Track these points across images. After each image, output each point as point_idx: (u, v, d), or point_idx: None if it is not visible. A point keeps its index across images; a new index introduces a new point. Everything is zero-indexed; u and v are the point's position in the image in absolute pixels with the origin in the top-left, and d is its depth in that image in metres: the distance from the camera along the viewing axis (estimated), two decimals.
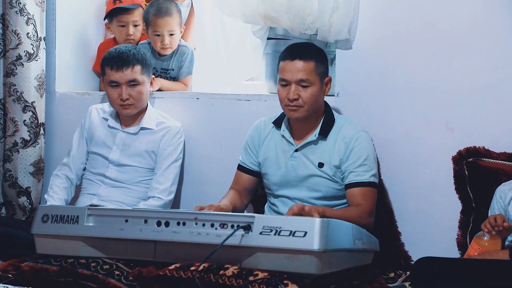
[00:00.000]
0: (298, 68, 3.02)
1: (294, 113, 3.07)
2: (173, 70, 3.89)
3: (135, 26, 3.94)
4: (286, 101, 3.06)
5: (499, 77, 3.17)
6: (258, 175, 3.29)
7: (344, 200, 3.13)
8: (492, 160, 3.11)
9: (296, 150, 3.15)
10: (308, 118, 3.10)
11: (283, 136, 3.18)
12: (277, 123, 3.21)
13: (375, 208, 3.07)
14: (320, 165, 3.11)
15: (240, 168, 3.31)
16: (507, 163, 3.08)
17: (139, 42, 3.93)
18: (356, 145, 3.07)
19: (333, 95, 3.42)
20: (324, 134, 3.11)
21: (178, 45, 3.86)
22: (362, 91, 3.40)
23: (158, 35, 3.79)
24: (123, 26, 3.93)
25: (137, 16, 3.93)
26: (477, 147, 3.16)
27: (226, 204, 3.10)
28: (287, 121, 3.19)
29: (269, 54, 3.74)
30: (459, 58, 3.23)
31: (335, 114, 3.18)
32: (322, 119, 3.14)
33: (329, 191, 3.12)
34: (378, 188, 3.11)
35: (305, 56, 3.03)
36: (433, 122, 3.27)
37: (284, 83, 3.06)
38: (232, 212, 3.05)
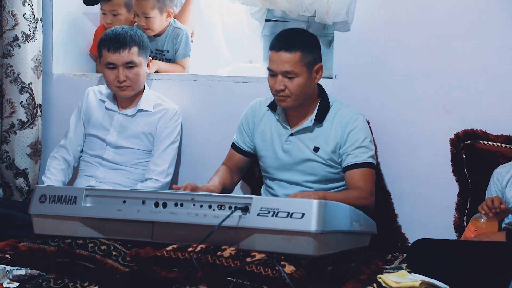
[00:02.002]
0: (283, 59, 2.99)
1: (282, 103, 3.06)
2: (168, 51, 3.87)
3: (114, 15, 3.91)
4: (274, 91, 3.05)
5: (497, 59, 3.17)
6: (249, 156, 3.29)
7: (341, 183, 3.13)
8: (489, 143, 3.11)
9: (291, 135, 3.15)
10: (301, 104, 3.09)
11: (278, 120, 3.18)
12: (272, 107, 3.20)
13: None
14: (316, 149, 3.10)
15: (234, 146, 3.32)
16: (505, 145, 3.08)
17: (135, 24, 3.91)
18: (353, 128, 3.06)
19: (331, 78, 3.42)
20: (319, 120, 3.10)
21: (173, 26, 3.84)
22: (360, 73, 3.39)
23: (138, 16, 3.80)
24: (104, 13, 3.94)
25: (115, 5, 3.91)
26: (475, 129, 3.16)
27: (214, 186, 3.10)
28: None
29: (267, 36, 3.73)
30: (457, 40, 3.22)
31: (331, 98, 3.16)
32: (318, 104, 3.13)
33: (325, 175, 3.12)
34: (375, 171, 3.10)
35: (290, 47, 2.99)
36: (431, 104, 3.27)
37: (271, 73, 3.05)
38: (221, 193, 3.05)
